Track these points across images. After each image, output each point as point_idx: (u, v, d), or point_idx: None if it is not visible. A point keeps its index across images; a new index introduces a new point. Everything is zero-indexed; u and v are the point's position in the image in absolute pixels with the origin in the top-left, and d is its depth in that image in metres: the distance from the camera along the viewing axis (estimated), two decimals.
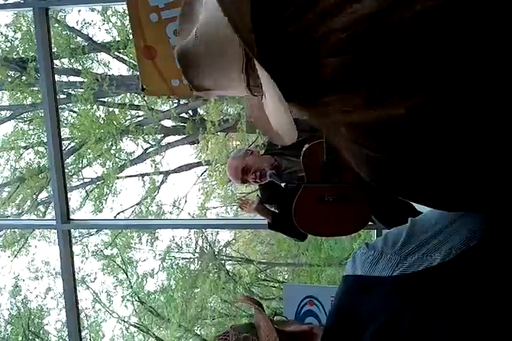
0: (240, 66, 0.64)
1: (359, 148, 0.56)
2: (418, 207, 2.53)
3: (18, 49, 10.57)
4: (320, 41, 0.45)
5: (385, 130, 0.48)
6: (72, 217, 3.59)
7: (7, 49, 10.52)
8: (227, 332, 0.96)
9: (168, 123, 11.29)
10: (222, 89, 0.70)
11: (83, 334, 9.82)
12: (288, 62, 0.50)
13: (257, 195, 2.68)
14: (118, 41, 10.40)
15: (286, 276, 12.68)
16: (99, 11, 10.46)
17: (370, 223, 2.69)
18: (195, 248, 12.12)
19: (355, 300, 0.69)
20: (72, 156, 11.03)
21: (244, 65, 0.64)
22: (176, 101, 10.75)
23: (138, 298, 11.68)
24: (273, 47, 0.51)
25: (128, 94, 10.85)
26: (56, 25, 10.07)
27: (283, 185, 2.22)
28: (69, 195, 3.68)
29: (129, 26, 9.42)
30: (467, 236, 0.62)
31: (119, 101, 10.95)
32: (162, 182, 11.70)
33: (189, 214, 11.80)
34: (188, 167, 11.82)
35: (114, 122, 10.78)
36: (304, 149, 2.33)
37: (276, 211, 2.67)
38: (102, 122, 10.75)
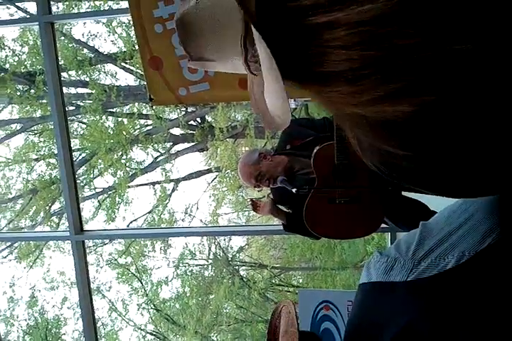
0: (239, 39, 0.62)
1: (364, 138, 0.57)
2: (431, 206, 2.52)
3: (25, 63, 10.70)
4: (324, 28, 0.45)
5: (392, 126, 0.49)
6: (85, 227, 3.62)
7: (15, 63, 10.65)
8: None
9: (176, 131, 11.35)
10: (221, 61, 0.68)
11: None
12: (289, 39, 0.49)
13: (269, 197, 2.65)
14: (124, 52, 10.48)
15: (300, 280, 12.64)
16: (104, 23, 10.56)
17: (383, 225, 2.67)
18: (209, 254, 12.13)
19: (372, 306, 0.70)
20: (83, 167, 11.11)
21: (242, 39, 0.63)
22: (184, 109, 10.80)
23: (153, 305, 11.70)
24: (275, 19, 0.50)
25: (136, 104, 10.93)
26: (62, 38, 10.18)
27: (294, 190, 2.20)
28: (81, 205, 3.72)
29: (134, 37, 9.50)
30: (479, 239, 0.62)
31: (128, 111, 11.03)
32: (173, 190, 11.74)
33: (201, 220, 11.83)
34: (198, 174, 11.85)
35: (124, 132, 10.86)
36: (314, 151, 2.31)
37: (289, 211, 2.65)
38: (112, 132, 10.83)
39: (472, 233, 0.64)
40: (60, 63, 3.49)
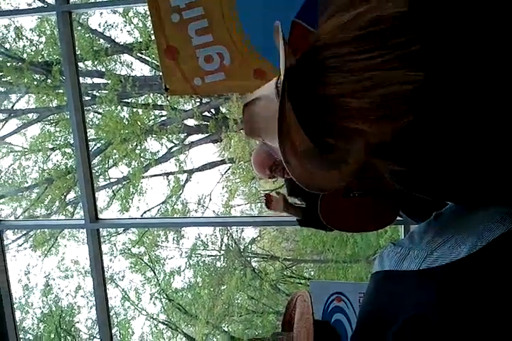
0: None
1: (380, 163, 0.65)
2: None
3: (42, 53, 10.77)
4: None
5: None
6: (99, 216, 3.65)
7: (32, 53, 10.73)
8: (260, 339, 0.94)
9: (191, 122, 11.37)
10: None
11: (113, 331, 9.98)
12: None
13: (281, 193, 2.64)
14: (140, 42, 10.50)
15: (312, 273, 12.65)
16: (120, 13, 10.58)
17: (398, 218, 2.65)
18: (221, 245, 12.19)
19: (385, 294, 0.70)
20: (98, 157, 11.20)
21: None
22: (198, 100, 10.81)
23: (166, 295, 11.81)
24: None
25: (151, 95, 10.96)
26: (79, 28, 10.23)
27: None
28: (96, 195, 3.75)
29: (150, 27, 9.48)
30: (492, 228, 0.63)
31: (143, 102, 11.06)
32: (186, 181, 11.79)
33: (214, 211, 11.88)
34: (212, 165, 11.88)
35: (138, 122, 10.91)
36: None
37: (302, 204, 2.63)
38: (127, 123, 10.89)
39: (485, 223, 0.64)
40: (76, 53, 3.51)
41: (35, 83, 10.55)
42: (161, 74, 2.99)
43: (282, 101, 0.63)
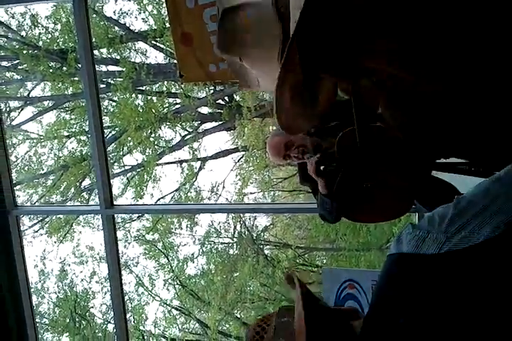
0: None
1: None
2: (462, 189, 2.48)
3: (58, 40, 10.81)
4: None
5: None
6: (114, 202, 3.69)
7: (48, 41, 10.77)
8: (270, 316, 0.93)
9: (204, 110, 11.37)
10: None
11: (127, 316, 10.12)
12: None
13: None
14: (155, 30, 10.48)
15: (324, 261, 12.68)
16: (135, 0, 10.56)
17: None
18: (234, 233, 12.25)
19: (400, 277, 0.70)
20: (112, 144, 11.27)
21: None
22: (212, 87, 10.79)
23: (179, 281, 11.93)
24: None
25: (165, 82, 10.96)
26: (94, 15, 10.23)
27: (322, 168, 2.18)
28: (111, 183, 3.78)
29: (165, 14, 9.42)
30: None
31: (157, 90, 11.08)
32: (200, 169, 11.83)
33: (227, 199, 11.91)
34: (225, 153, 11.89)
35: (153, 110, 10.93)
36: (338, 137, 2.29)
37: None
38: (141, 110, 10.92)
39: (505, 208, 0.64)
40: (92, 40, 3.51)
41: (51, 71, 10.60)
42: (175, 61, 2.98)
43: (285, 25, 0.60)
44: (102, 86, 10.61)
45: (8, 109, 11.20)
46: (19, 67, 10.84)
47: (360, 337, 0.74)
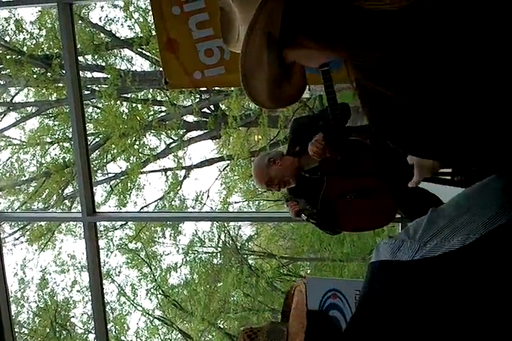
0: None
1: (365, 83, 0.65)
2: (444, 199, 2.50)
3: (42, 46, 10.75)
4: None
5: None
6: (97, 210, 3.64)
7: (32, 46, 10.70)
8: (257, 331, 0.92)
9: (190, 118, 11.38)
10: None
11: (108, 326, 10.00)
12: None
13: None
14: (141, 37, 10.49)
15: (308, 271, 12.69)
16: (121, 8, 10.56)
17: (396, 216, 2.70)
18: (218, 242, 12.20)
19: (380, 283, 0.72)
20: (96, 151, 11.19)
21: None
22: (198, 96, 10.80)
23: (162, 291, 11.82)
24: None
25: (151, 90, 10.95)
26: (80, 21, 10.20)
27: (307, 175, 2.28)
28: (94, 189, 3.74)
29: (151, 22, 9.45)
30: (485, 222, 0.65)
31: (142, 97, 11.06)
32: (185, 177, 11.79)
33: (211, 208, 11.88)
34: (210, 162, 11.88)
35: (138, 117, 10.90)
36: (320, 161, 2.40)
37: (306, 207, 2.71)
38: (126, 118, 10.88)
39: (478, 217, 0.66)
40: (77, 46, 3.48)
41: (35, 76, 10.52)
42: (161, 69, 2.98)
43: None
44: (86, 92, 10.55)
45: None
46: (2, 72, 10.74)
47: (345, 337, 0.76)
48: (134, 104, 11.02)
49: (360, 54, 0.62)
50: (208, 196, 11.93)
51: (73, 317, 11.67)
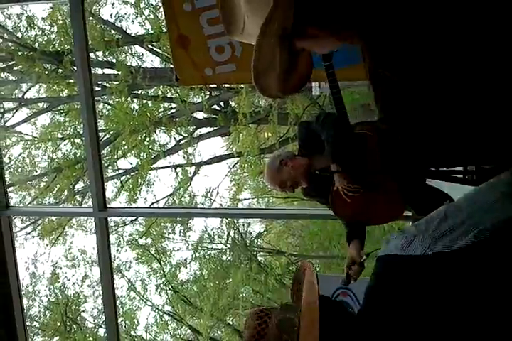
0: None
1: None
2: (455, 196, 2.49)
3: (54, 42, 10.80)
4: None
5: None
6: (108, 205, 3.65)
7: (44, 42, 10.75)
8: (268, 310, 0.89)
9: (200, 115, 11.38)
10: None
11: (119, 321, 10.00)
12: None
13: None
14: (151, 34, 10.50)
15: (317, 268, 12.66)
16: (132, 4, 10.58)
17: (407, 214, 2.72)
18: (227, 239, 12.22)
19: (389, 278, 0.72)
20: (107, 148, 11.24)
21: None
22: (208, 93, 10.80)
23: (171, 287, 11.87)
24: None
25: (161, 87, 10.97)
26: (91, 18, 10.23)
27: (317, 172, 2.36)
28: (105, 185, 3.75)
29: (162, 19, 9.45)
30: (496, 218, 0.65)
31: (153, 94, 11.08)
32: (194, 174, 11.81)
33: (221, 205, 11.90)
34: (220, 158, 11.89)
35: (148, 114, 10.92)
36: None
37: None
38: (136, 114, 10.91)
39: (490, 214, 0.66)
40: (88, 42, 3.49)
41: (46, 72, 10.57)
42: (171, 66, 2.98)
43: None
44: (97, 89, 10.59)
45: (2, 110, 11.17)
46: (14, 69, 10.81)
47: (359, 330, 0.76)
48: (144, 101, 11.04)
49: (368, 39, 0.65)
50: (218, 193, 11.96)
51: (84, 311, 11.77)
